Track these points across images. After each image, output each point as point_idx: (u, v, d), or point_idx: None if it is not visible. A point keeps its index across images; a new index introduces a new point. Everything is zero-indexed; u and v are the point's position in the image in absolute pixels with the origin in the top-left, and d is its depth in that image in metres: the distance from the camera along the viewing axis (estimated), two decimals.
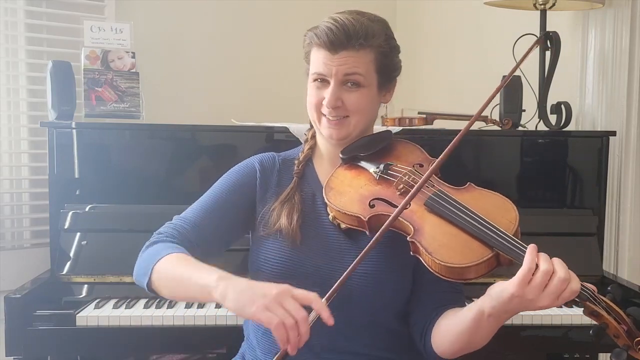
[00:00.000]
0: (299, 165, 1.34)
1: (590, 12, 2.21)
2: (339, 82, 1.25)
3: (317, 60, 1.26)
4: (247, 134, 2.04)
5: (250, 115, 2.14)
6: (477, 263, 1.06)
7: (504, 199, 1.17)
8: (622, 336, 1.02)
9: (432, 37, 3.00)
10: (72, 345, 1.72)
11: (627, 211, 2.16)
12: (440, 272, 1.09)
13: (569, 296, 1.01)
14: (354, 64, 1.24)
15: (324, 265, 1.25)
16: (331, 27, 1.22)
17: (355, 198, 1.22)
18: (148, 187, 1.99)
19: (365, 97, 1.27)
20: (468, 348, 1.17)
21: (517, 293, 1.01)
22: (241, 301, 1.04)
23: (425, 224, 1.13)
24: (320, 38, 1.23)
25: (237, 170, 1.36)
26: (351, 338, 1.26)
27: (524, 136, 2.11)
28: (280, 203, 1.29)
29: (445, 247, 1.09)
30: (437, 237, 1.11)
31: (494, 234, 1.07)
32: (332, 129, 1.27)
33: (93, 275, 1.88)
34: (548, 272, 1.00)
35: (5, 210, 2.34)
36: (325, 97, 1.25)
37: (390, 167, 1.25)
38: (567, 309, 1.77)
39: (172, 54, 2.66)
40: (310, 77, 1.29)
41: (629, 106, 2.15)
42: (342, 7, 1.31)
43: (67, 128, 1.97)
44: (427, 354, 1.23)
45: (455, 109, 2.21)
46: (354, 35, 1.23)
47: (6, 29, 2.35)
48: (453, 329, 1.16)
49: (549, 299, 1.01)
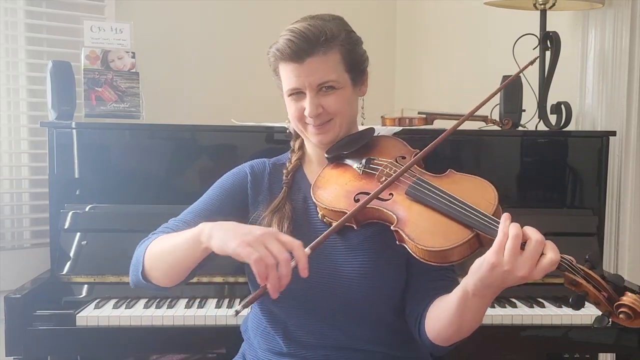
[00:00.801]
0: (288, 175, 1.35)
1: (590, 12, 2.21)
2: (314, 91, 1.26)
3: (286, 75, 1.27)
4: (247, 134, 2.04)
5: (250, 115, 2.14)
6: (458, 245, 1.08)
7: (483, 180, 1.19)
8: (602, 303, 1.03)
9: (432, 37, 3.00)
10: (72, 345, 1.72)
11: (627, 211, 2.16)
12: (424, 257, 1.11)
13: (548, 266, 1.01)
14: (324, 71, 1.25)
15: (317, 265, 1.25)
16: (290, 38, 1.23)
17: (340, 194, 1.24)
18: (148, 187, 2.00)
19: (343, 98, 1.28)
20: (459, 332, 1.17)
21: (495, 261, 1.01)
22: (224, 238, 1.06)
23: (407, 212, 1.15)
24: (283, 52, 1.24)
25: (229, 176, 1.38)
26: (353, 335, 1.27)
27: (524, 136, 2.12)
28: (271, 212, 1.30)
29: (427, 232, 1.11)
30: (419, 224, 1.13)
31: (472, 215, 1.09)
32: (320, 135, 1.29)
33: (93, 275, 1.88)
34: (518, 236, 1.01)
35: (5, 210, 2.34)
36: (305, 107, 1.27)
37: (372, 161, 1.28)
38: (567, 309, 1.78)
39: (172, 54, 2.66)
40: (285, 93, 1.31)
41: (629, 106, 2.15)
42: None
43: (67, 128, 1.97)
44: (422, 342, 1.24)
45: (455, 109, 2.21)
46: (314, 39, 1.23)
47: (6, 29, 2.35)
48: (442, 313, 1.17)
49: (527, 266, 1.00)
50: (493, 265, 1.02)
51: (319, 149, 1.35)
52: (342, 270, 1.24)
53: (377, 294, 1.25)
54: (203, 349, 1.93)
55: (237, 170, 1.39)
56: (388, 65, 3.11)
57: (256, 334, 1.35)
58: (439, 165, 1.26)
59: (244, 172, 1.37)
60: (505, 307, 1.78)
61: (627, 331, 1.74)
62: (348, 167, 1.29)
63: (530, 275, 1.01)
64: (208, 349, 1.35)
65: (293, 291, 1.24)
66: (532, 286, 1.88)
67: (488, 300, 1.11)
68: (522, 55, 2.21)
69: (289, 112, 1.32)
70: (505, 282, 1.03)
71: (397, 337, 1.31)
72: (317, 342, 1.27)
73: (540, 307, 1.79)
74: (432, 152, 1.21)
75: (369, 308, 1.26)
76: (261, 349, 1.33)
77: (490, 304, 1.12)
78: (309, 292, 1.24)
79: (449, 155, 2.05)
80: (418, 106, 2.25)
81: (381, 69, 3.03)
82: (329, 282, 1.24)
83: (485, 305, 1.12)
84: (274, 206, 1.30)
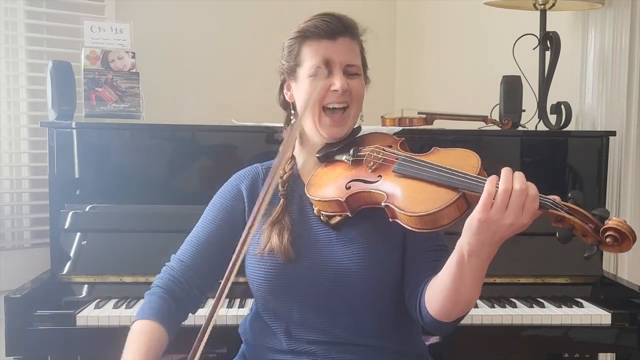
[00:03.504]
0: (284, 185, 1.33)
1: (590, 12, 2.21)
2: (342, 71, 1.29)
3: (315, 51, 1.29)
4: (247, 134, 2.04)
5: (250, 115, 2.14)
6: (446, 206, 1.11)
7: (466, 150, 1.25)
8: (590, 234, 1.06)
9: (432, 37, 3.00)
10: (72, 345, 1.72)
11: (627, 211, 2.16)
12: (416, 225, 1.14)
13: (531, 205, 1.04)
14: (353, 53, 1.31)
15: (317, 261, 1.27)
16: (325, 19, 1.29)
17: (333, 186, 1.28)
18: (148, 187, 1.99)
19: (362, 85, 1.34)
20: (459, 302, 1.16)
21: (483, 217, 1.04)
22: None
23: (396, 188, 1.20)
24: (317, 28, 1.28)
25: (223, 197, 1.37)
26: (354, 330, 1.27)
27: (524, 136, 2.12)
28: (270, 225, 1.29)
29: (415, 201, 1.15)
30: (407, 195, 1.17)
31: (456, 176, 1.14)
32: (334, 127, 1.30)
33: (93, 275, 1.88)
34: (507, 190, 1.04)
35: (5, 210, 2.34)
36: (335, 83, 1.28)
37: (359, 150, 1.32)
38: (567, 309, 1.78)
39: (172, 54, 2.66)
40: (309, 72, 1.29)
41: (629, 106, 2.15)
42: (338, 7, 1.34)
43: (67, 128, 1.97)
44: (424, 321, 1.23)
45: (455, 109, 2.21)
46: (346, 24, 1.30)
47: (6, 29, 2.35)
48: (441, 285, 1.16)
49: (514, 214, 1.04)
50: (481, 221, 1.04)
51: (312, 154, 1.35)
52: (342, 264, 1.25)
53: (379, 283, 1.26)
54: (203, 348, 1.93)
55: (230, 189, 1.38)
56: (388, 65, 3.12)
57: (256, 334, 1.35)
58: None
59: (237, 189, 1.36)
60: (505, 307, 1.78)
61: (627, 331, 1.74)
62: (338, 162, 1.33)
63: (519, 222, 1.04)
64: (208, 349, 1.34)
65: (296, 289, 1.25)
66: (532, 286, 1.89)
67: (484, 263, 1.10)
68: (522, 55, 2.21)
69: (307, 95, 1.30)
70: (496, 235, 1.05)
71: (398, 331, 1.31)
72: (318, 338, 1.28)
73: (540, 307, 1.79)
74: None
75: (370, 299, 1.26)
76: (262, 347, 1.34)
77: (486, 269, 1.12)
78: (312, 289, 1.25)
79: None
80: (418, 106, 2.25)
81: (381, 69, 3.03)
82: (331, 277, 1.25)
83: (482, 269, 1.11)
84: (273, 219, 1.30)
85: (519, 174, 1.07)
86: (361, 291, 1.25)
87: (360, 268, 1.25)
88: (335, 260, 1.26)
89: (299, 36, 1.30)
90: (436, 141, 2.03)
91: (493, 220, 1.04)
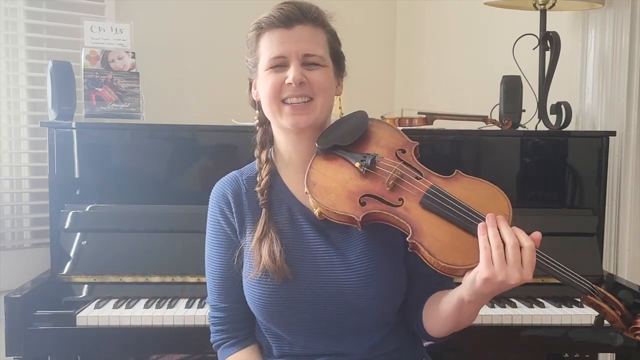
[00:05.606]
0: (263, 193, 1.25)
1: (590, 12, 2.21)
2: (299, 61, 1.19)
3: (270, 43, 1.20)
4: (247, 134, 2.02)
5: (250, 115, 2.13)
6: (478, 264, 1.06)
7: (494, 188, 1.17)
8: (617, 321, 1.11)
9: (432, 37, 3.00)
10: (72, 345, 1.72)
11: (627, 211, 2.16)
12: (443, 270, 1.09)
13: (530, 259, 1.03)
14: (312, 42, 1.20)
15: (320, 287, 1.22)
16: (281, 7, 1.20)
17: (343, 195, 1.17)
18: (148, 187, 1.99)
19: (327, 76, 1.22)
20: (456, 328, 1.21)
21: (487, 275, 1.03)
22: None
23: (423, 223, 1.11)
24: (273, 18, 1.19)
25: (213, 227, 1.29)
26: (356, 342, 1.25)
27: (524, 136, 2.11)
28: (258, 241, 1.21)
29: (448, 248, 1.08)
30: (437, 237, 1.09)
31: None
32: (296, 115, 1.19)
33: (93, 275, 1.88)
34: (500, 245, 1.03)
35: (5, 210, 2.34)
36: (288, 76, 1.18)
37: (377, 161, 1.19)
38: (567, 309, 1.78)
39: (172, 54, 2.66)
40: (265, 66, 1.21)
41: (629, 106, 2.15)
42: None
43: (67, 128, 1.97)
44: (421, 334, 1.27)
45: (455, 109, 2.21)
46: (305, 10, 1.20)
47: (6, 29, 2.35)
48: (440, 315, 1.19)
49: (516, 270, 1.02)
50: (486, 279, 1.03)
51: (295, 151, 1.26)
52: (345, 286, 1.20)
53: (383, 298, 1.22)
54: (203, 349, 1.92)
55: (215, 215, 1.29)
56: (388, 65, 3.11)
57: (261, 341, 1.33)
58: (438, 165, 1.25)
59: (221, 211, 1.27)
60: (505, 307, 1.78)
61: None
62: (345, 162, 1.21)
63: (523, 277, 1.03)
64: (208, 349, 1.34)
65: (301, 316, 1.21)
66: (532, 286, 1.88)
67: (485, 302, 1.14)
68: (522, 55, 2.21)
69: (264, 89, 1.22)
70: (500, 289, 1.05)
71: (399, 338, 1.30)
72: (319, 352, 1.25)
73: (540, 307, 1.79)
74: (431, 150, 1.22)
75: (371, 313, 1.23)
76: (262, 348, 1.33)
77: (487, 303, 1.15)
78: (317, 314, 1.21)
79: (449, 156, 2.06)
80: (418, 106, 2.25)
81: (381, 69, 3.03)
82: (334, 299, 1.20)
83: (482, 305, 1.15)
84: (259, 234, 1.22)
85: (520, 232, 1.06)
86: (365, 308, 1.21)
87: (364, 289, 1.19)
88: (337, 285, 1.20)
89: (255, 29, 1.23)
90: (436, 141, 2.04)
91: (499, 279, 1.02)
